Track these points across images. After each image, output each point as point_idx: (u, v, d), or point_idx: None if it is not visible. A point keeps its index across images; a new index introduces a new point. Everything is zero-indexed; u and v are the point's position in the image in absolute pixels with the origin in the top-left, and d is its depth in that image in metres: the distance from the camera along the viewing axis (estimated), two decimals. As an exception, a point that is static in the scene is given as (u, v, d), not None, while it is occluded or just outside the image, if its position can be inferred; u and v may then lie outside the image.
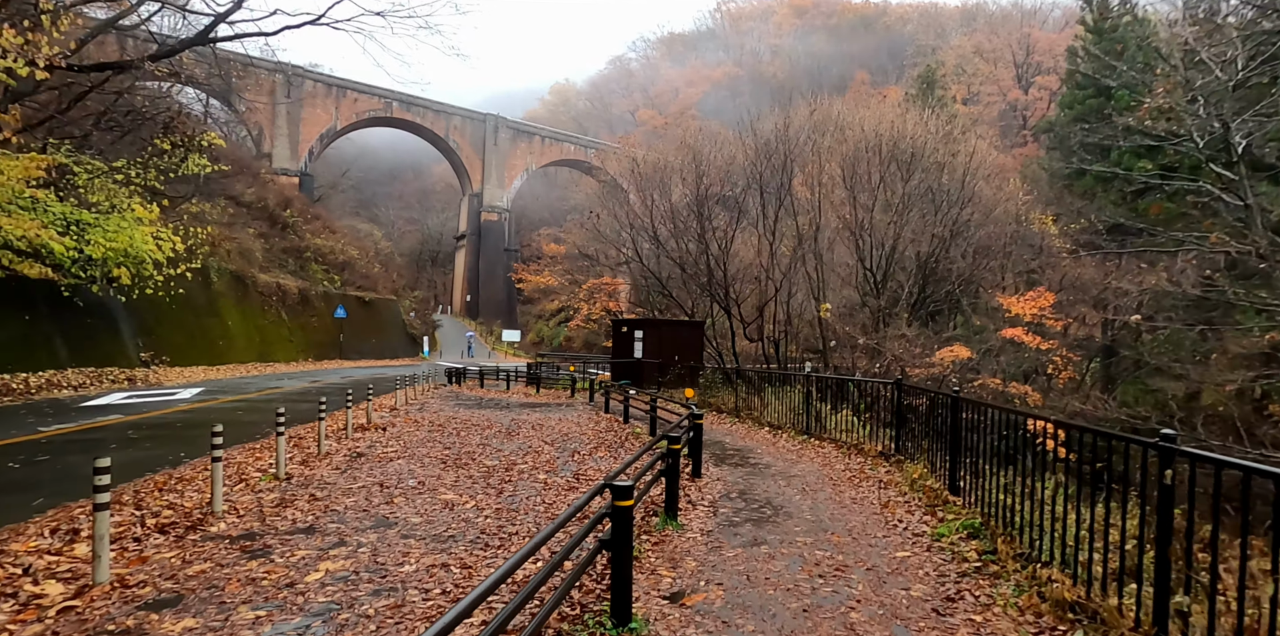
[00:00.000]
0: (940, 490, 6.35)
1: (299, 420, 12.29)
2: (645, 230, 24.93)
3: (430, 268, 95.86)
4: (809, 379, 10.88)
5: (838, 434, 10.23)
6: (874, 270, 22.49)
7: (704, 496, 6.72)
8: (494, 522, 5.71)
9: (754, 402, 13.29)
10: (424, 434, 11.39)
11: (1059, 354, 22.34)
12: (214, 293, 25.26)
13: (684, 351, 21.08)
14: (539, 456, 9.11)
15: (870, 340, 17.68)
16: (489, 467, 8.25)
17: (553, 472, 7.95)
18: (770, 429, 11.81)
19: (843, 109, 23.39)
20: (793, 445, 10.25)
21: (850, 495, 6.85)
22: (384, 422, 12.99)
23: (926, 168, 21.59)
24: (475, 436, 11.15)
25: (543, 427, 12.44)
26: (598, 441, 10.63)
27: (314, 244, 43.98)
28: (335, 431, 11.06)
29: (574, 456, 9.14)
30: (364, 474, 7.81)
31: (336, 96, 65.15)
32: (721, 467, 8.38)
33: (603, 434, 11.48)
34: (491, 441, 10.57)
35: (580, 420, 13.67)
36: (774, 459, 9.08)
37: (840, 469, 8.32)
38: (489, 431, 11.83)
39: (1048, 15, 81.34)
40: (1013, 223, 24.23)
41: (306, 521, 5.70)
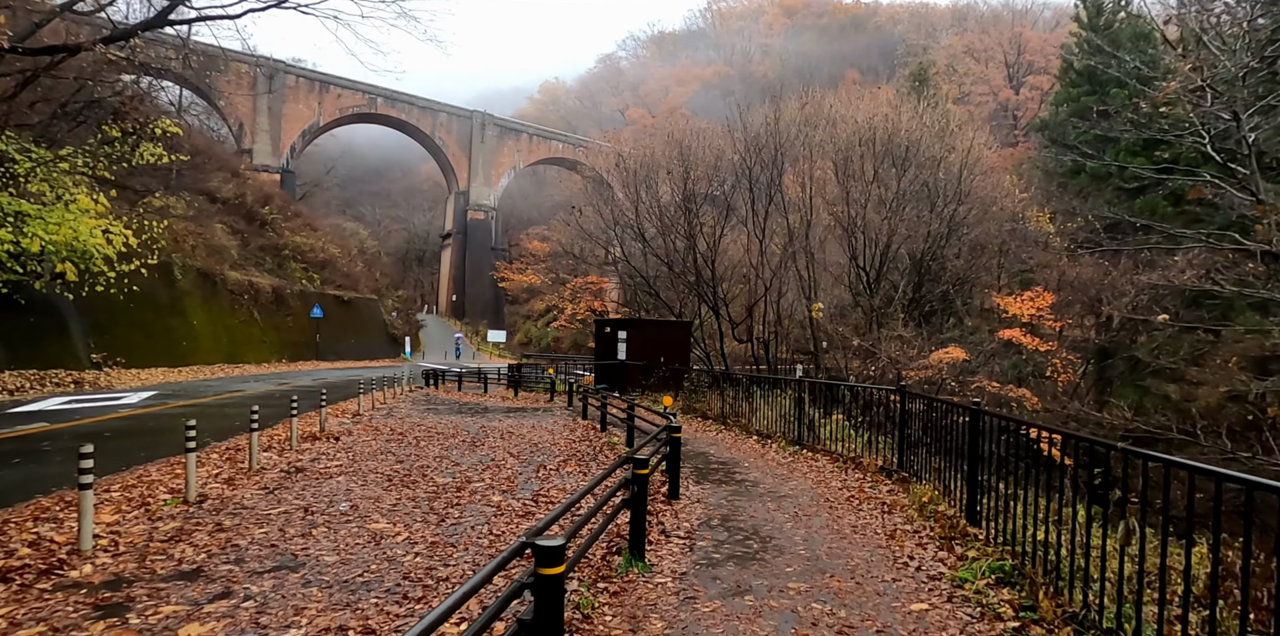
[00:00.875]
0: (956, 518, 5.43)
1: (247, 429, 11.24)
2: (631, 227, 23.99)
3: (417, 267, 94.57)
4: (801, 384, 9.96)
5: (833, 445, 9.32)
6: (867, 269, 21.67)
7: (680, 524, 5.76)
8: (423, 563, 4.73)
9: (742, 408, 12.37)
10: (379, 444, 10.37)
11: (1058, 356, 21.58)
12: (178, 290, 24.07)
13: (670, 353, 20.14)
14: (499, 472, 8.13)
15: (865, 341, 16.81)
16: (439, 486, 7.26)
17: (510, 493, 6.97)
18: (759, 438, 10.88)
19: (835, 102, 22.56)
20: (783, 457, 9.32)
21: (850, 521, 5.92)
22: (341, 430, 11.97)
23: (922, 162, 20.79)
24: (435, 447, 10.15)
25: (512, 436, 11.45)
26: (569, 453, 9.66)
27: (293, 242, 42.73)
28: (281, 441, 10.03)
29: (539, 472, 8.17)
30: (293, 495, 6.81)
31: (319, 92, 63.84)
32: (703, 485, 7.43)
33: (576, 444, 10.51)
34: (451, 453, 9.58)
35: (554, 427, 12.69)
36: (762, 474, 8.14)
37: (837, 487, 7.39)
38: (452, 441, 10.83)
39: (1038, 16, 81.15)
40: (1009, 220, 23.47)
41: (195, 561, 4.70)
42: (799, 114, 22.57)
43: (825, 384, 10.34)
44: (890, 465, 7.77)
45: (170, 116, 39.50)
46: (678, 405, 15.57)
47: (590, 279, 32.49)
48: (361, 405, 15.83)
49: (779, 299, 23.80)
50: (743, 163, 22.14)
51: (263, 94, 60.52)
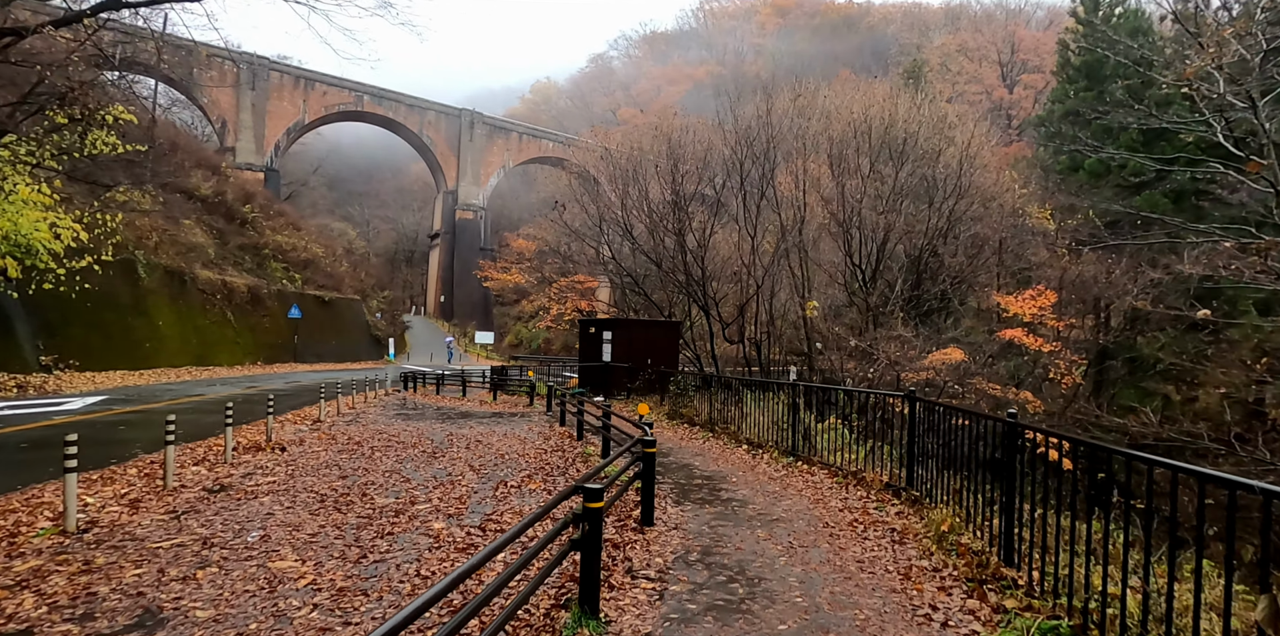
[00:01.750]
0: (986, 554, 4.47)
1: (195, 436, 10.22)
2: (618, 224, 23.01)
3: (406, 268, 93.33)
4: (795, 388, 8.99)
5: (831, 456, 8.36)
6: (863, 267, 20.76)
7: (652, 559, 4.78)
8: (318, 620, 3.73)
9: (731, 414, 11.40)
10: (329, 456, 9.35)
11: (1062, 357, 20.72)
12: (142, 289, 22.92)
13: (658, 354, 19.17)
14: (451, 490, 7.13)
15: (862, 342, 15.87)
16: (376, 509, 6.26)
17: (457, 517, 5.98)
18: (749, 447, 9.91)
19: (829, 93, 21.67)
20: (776, 470, 8.35)
21: (855, 554, 4.95)
22: (294, 439, 10.94)
23: (919, 156, 19.92)
24: (390, 459, 9.14)
25: (480, 445, 10.45)
26: (537, 465, 8.67)
27: (274, 241, 41.60)
28: (219, 454, 8.99)
29: (497, 490, 7.17)
30: (200, 521, 5.79)
31: (305, 89, 62.68)
32: (684, 506, 6.45)
33: (547, 455, 9.51)
34: (405, 466, 8.57)
35: (528, 435, 11.69)
36: (752, 491, 7.17)
37: (837, 507, 6.42)
38: (411, 451, 9.82)
39: (1031, 15, 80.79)
40: (1010, 216, 22.60)
41: (27, 619, 3.69)
42: (791, 106, 21.66)
43: (822, 388, 9.39)
44: (897, 481, 6.82)
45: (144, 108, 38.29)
46: (662, 409, 14.60)
47: (577, 278, 31.46)
48: (325, 411, 14.77)
49: (771, 298, 22.87)
50: (733, 156, 21.19)
51: (246, 91, 59.38)
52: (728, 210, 24.48)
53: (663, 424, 13.18)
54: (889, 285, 20.80)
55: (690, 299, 23.33)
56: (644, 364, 18.06)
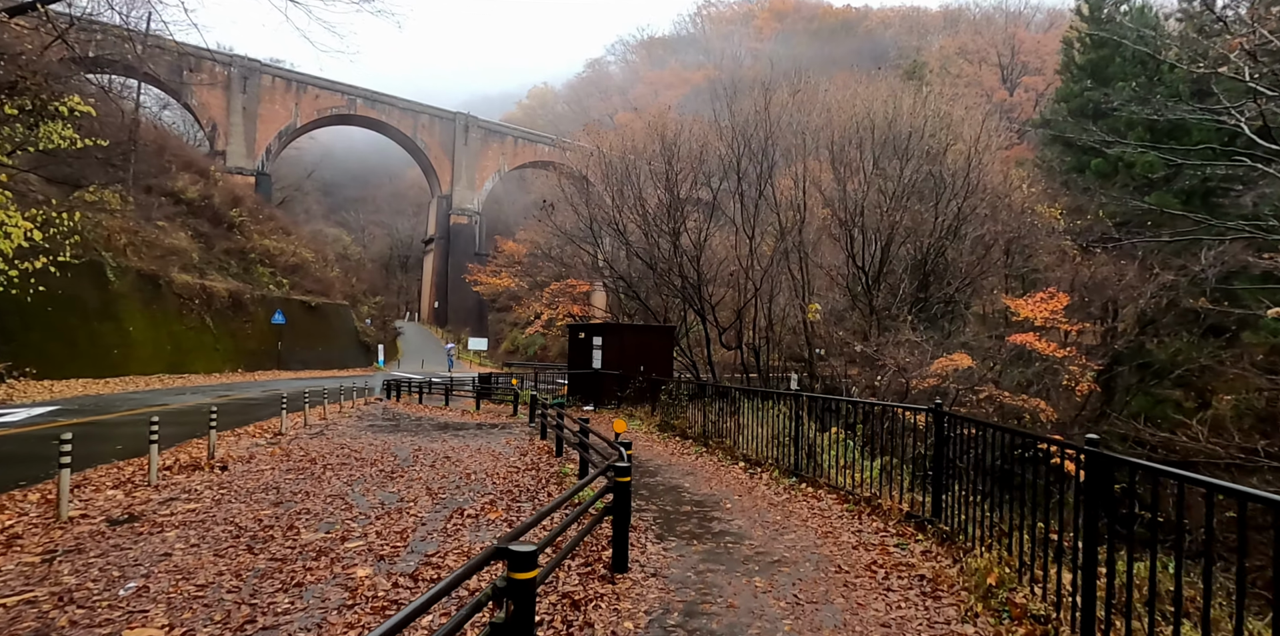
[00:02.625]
0: (1055, 624, 3.42)
1: (137, 452, 9.21)
2: (611, 225, 22.04)
3: (401, 273, 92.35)
4: (798, 399, 7.95)
5: (839, 477, 7.33)
6: (866, 268, 19.78)
7: (620, 623, 3.74)
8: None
9: (727, 426, 10.36)
10: (273, 476, 8.31)
11: (1076, 362, 19.70)
12: (111, 293, 21.87)
13: (651, 361, 18.15)
14: (396, 520, 6.08)
15: (868, 347, 14.85)
16: (298, 547, 5.21)
17: (390, 560, 4.93)
18: (746, 465, 8.86)
19: (830, 87, 20.74)
20: (776, 493, 7.31)
21: (878, 614, 3.91)
22: (242, 455, 9.89)
23: (925, 152, 18.96)
24: (341, 479, 8.10)
25: (447, 462, 9.40)
26: (506, 487, 7.62)
27: (262, 245, 40.60)
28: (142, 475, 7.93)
29: (451, 520, 6.12)
30: (75, 566, 4.75)
31: (297, 92, 61.83)
32: (667, 542, 5.41)
33: (519, 474, 8.47)
34: (354, 489, 7.52)
35: (504, 450, 10.65)
36: (749, 521, 6.13)
37: (850, 543, 5.38)
38: (368, 470, 8.77)
39: (1030, 18, 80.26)
40: (1018, 216, 21.65)
41: None
42: (790, 101, 20.73)
43: (830, 399, 8.35)
44: (920, 511, 5.78)
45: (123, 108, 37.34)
46: (653, 420, 13.56)
47: (570, 282, 30.43)
48: (287, 423, 13.71)
49: (770, 302, 21.89)
50: (730, 151, 20.26)
51: (237, 94, 58.59)
52: (724, 211, 23.54)
53: (653, 437, 12.14)
54: (893, 288, 19.83)
55: (686, 303, 22.35)
56: (636, 371, 17.04)
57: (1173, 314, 24.32)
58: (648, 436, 12.25)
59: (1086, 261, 22.72)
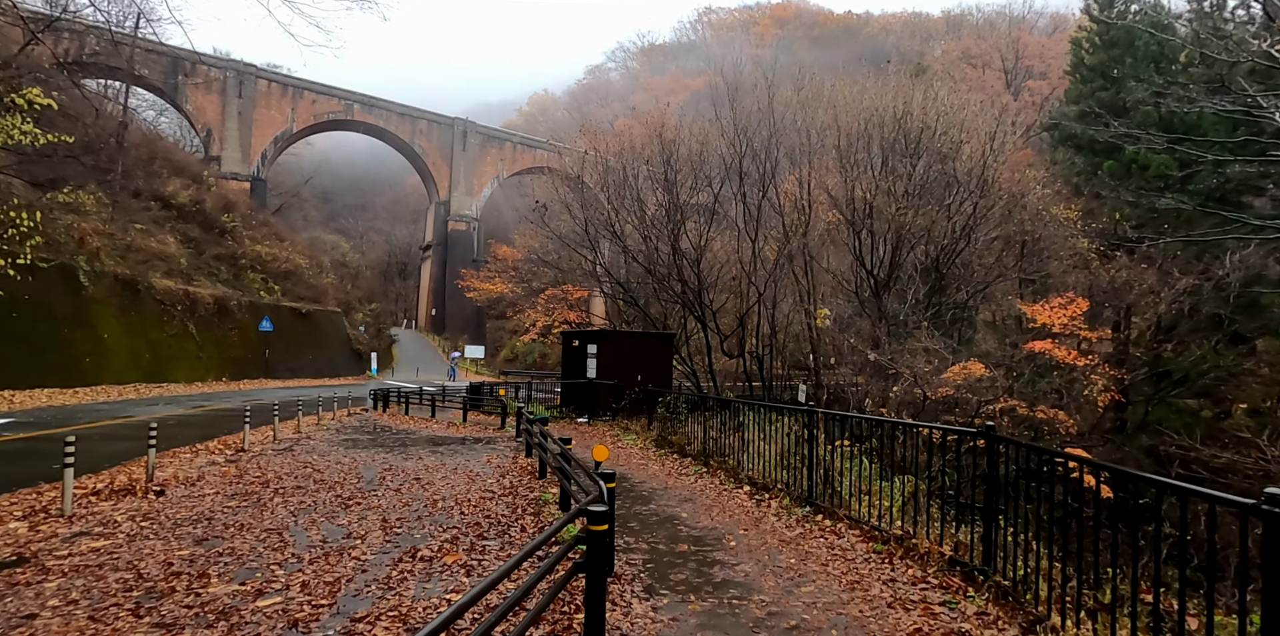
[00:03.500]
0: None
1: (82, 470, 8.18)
2: (607, 227, 21.08)
3: (399, 280, 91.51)
4: (811, 415, 6.92)
5: (861, 507, 6.30)
6: (875, 272, 18.78)
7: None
8: None
9: (730, 443, 9.32)
10: (213, 503, 7.29)
11: (1098, 371, 18.63)
12: (84, 299, 20.91)
13: (649, 370, 17.13)
14: (334, 565, 5.06)
15: (881, 355, 13.82)
16: (196, 606, 4.19)
17: (302, 627, 3.90)
18: (752, 490, 7.83)
19: (836, 83, 19.82)
20: (788, 526, 6.28)
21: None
22: (191, 476, 8.89)
23: (937, 149, 18.01)
24: (288, 507, 7.08)
25: (417, 485, 8.38)
26: (476, 519, 6.60)
27: (253, 251, 39.73)
28: (78, 497, 6.90)
29: (399, 565, 5.10)
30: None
31: (293, 97, 61.23)
32: (657, 599, 4.38)
33: (492, 501, 7.43)
34: (299, 521, 6.50)
35: (483, 469, 9.61)
36: (758, 566, 5.10)
37: (883, 599, 4.35)
38: (325, 495, 7.75)
39: (1033, 24, 79.69)
40: (1034, 218, 20.65)
41: None
42: (795, 97, 19.81)
43: (849, 419, 7.31)
44: (969, 557, 4.74)
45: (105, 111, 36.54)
46: (650, 435, 12.52)
47: (566, 288, 29.44)
48: (255, 438, 12.70)
49: (773, 308, 20.89)
50: (731, 152, 19.31)
51: (233, 98, 58.00)
52: (726, 213, 22.59)
53: (648, 454, 11.10)
54: (902, 294, 18.80)
55: (686, 310, 21.34)
56: (633, 381, 16.01)
57: (1195, 320, 23.29)
58: (643, 453, 11.22)
59: (1105, 265, 21.70)
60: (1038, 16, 79.79)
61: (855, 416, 7.39)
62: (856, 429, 7.44)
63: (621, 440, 12.88)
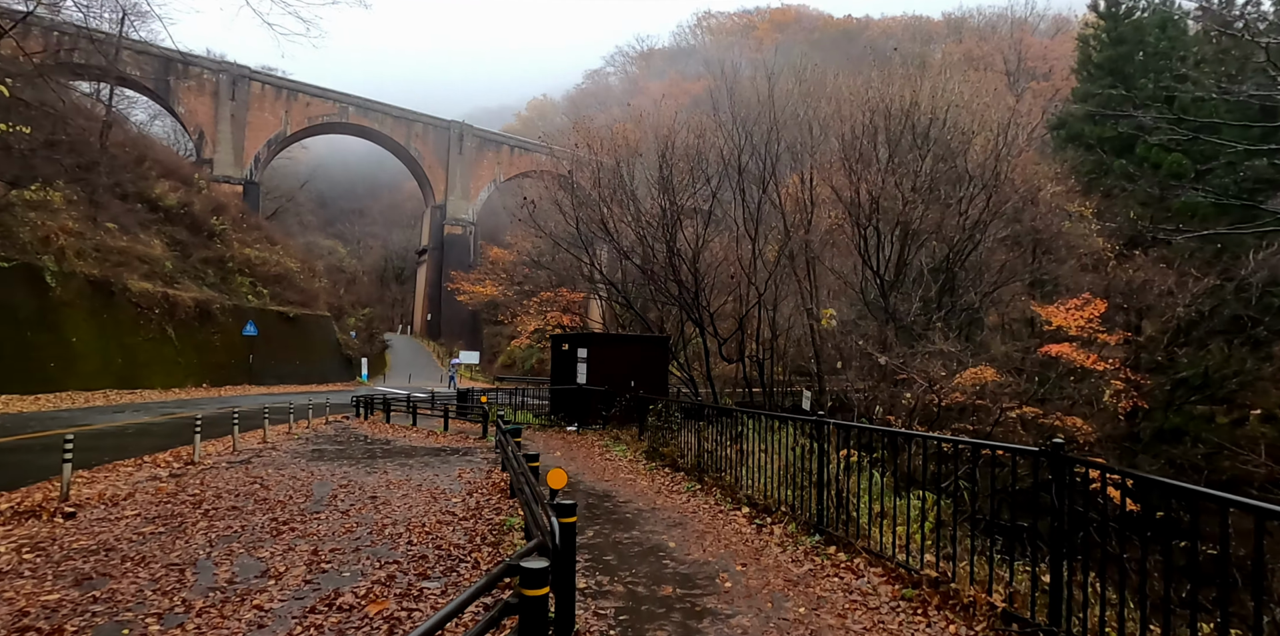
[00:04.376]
0: None
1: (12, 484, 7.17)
2: (599, 224, 20.11)
3: (395, 286, 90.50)
4: (821, 427, 5.90)
5: (881, 535, 5.26)
6: (882, 273, 17.78)
7: None
8: None
9: (727, 456, 8.29)
10: (124, 529, 6.27)
11: (1118, 376, 17.62)
12: (51, 300, 19.90)
13: (643, 375, 16.11)
14: (231, 614, 4.03)
15: (893, 359, 12.79)
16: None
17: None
18: (752, 512, 6.81)
19: (840, 72, 18.88)
20: (795, 560, 5.26)
21: None
22: (122, 492, 7.88)
23: (947, 142, 17.05)
24: (209, 535, 6.06)
25: (370, 504, 7.36)
26: (423, 550, 5.57)
27: (242, 254, 38.79)
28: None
29: (308, 617, 4.07)
30: None
31: (287, 100, 60.43)
32: (628, 670, 3.35)
33: (450, 527, 6.40)
34: (215, 551, 5.48)
35: (450, 486, 8.59)
36: (759, 619, 4.08)
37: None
38: (259, 519, 6.72)
39: (1034, 26, 79.08)
40: (1047, 215, 19.70)
41: None
42: (796, 90, 18.88)
43: (873, 432, 6.29)
44: (1029, 610, 3.71)
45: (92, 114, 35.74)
46: (640, 446, 11.49)
47: (561, 292, 28.45)
48: (217, 447, 11.69)
49: (774, 310, 19.88)
50: (730, 144, 18.37)
51: (225, 101, 57.22)
52: (725, 212, 21.62)
53: (637, 468, 10.06)
54: (907, 296, 17.78)
55: (684, 312, 20.34)
56: (626, 386, 15.00)
57: (1214, 322, 22.28)
58: (632, 467, 10.19)
59: (1122, 265, 20.73)
60: (1039, 19, 79.21)
61: (883, 430, 6.27)
62: (881, 442, 6.39)
63: (610, 451, 11.85)
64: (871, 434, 5.98)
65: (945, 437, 4.46)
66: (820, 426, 5.83)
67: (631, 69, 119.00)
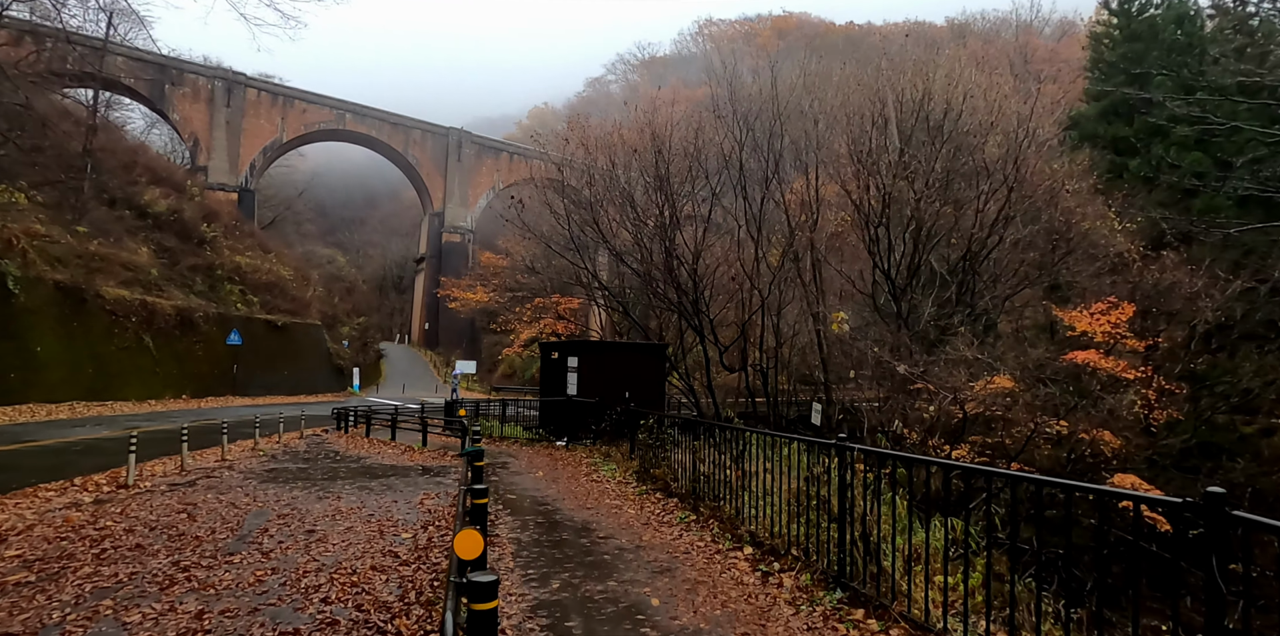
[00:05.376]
0: None
1: None
2: (591, 225, 19.01)
3: (394, 294, 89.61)
4: (845, 453, 4.69)
5: (920, 597, 4.06)
6: (894, 275, 16.61)
7: None
8: None
9: (724, 480, 7.09)
10: (-17, 578, 5.09)
11: (1151, 386, 16.37)
12: (13, 308, 18.82)
13: (638, 386, 14.91)
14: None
15: (913, 368, 11.59)
16: None
17: None
18: (757, 554, 5.62)
19: (847, 63, 17.82)
20: (811, 627, 4.07)
21: None
22: (16, 526, 6.72)
23: (962, 136, 15.94)
24: (85, 586, 4.89)
25: (298, 543, 6.18)
26: (337, 612, 4.39)
27: (232, 261, 37.85)
28: None
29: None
30: None
31: (283, 106, 59.75)
32: None
33: (384, 575, 5.21)
34: (70, 613, 4.30)
35: (406, 517, 7.41)
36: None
37: None
38: (160, 561, 5.55)
39: (1039, 30, 78.33)
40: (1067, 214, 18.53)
41: None
42: (800, 83, 17.81)
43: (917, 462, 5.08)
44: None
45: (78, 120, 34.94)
46: (631, 465, 10.29)
47: (555, 299, 27.32)
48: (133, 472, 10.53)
49: (778, 316, 18.71)
50: (730, 140, 17.28)
51: (220, 107, 56.56)
52: (726, 212, 20.52)
53: (626, 492, 8.86)
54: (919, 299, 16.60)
55: (683, 318, 19.18)
56: (620, 398, 13.78)
57: (1246, 326, 21.03)
58: (619, 490, 8.99)
59: (1148, 267, 19.53)
60: (1044, 23, 78.48)
61: (941, 463, 4.62)
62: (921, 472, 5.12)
63: (599, 471, 10.65)
64: (918, 465, 4.70)
65: (1040, 479, 3.28)
66: (843, 451, 4.63)
67: (633, 77, 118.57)
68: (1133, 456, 19.51)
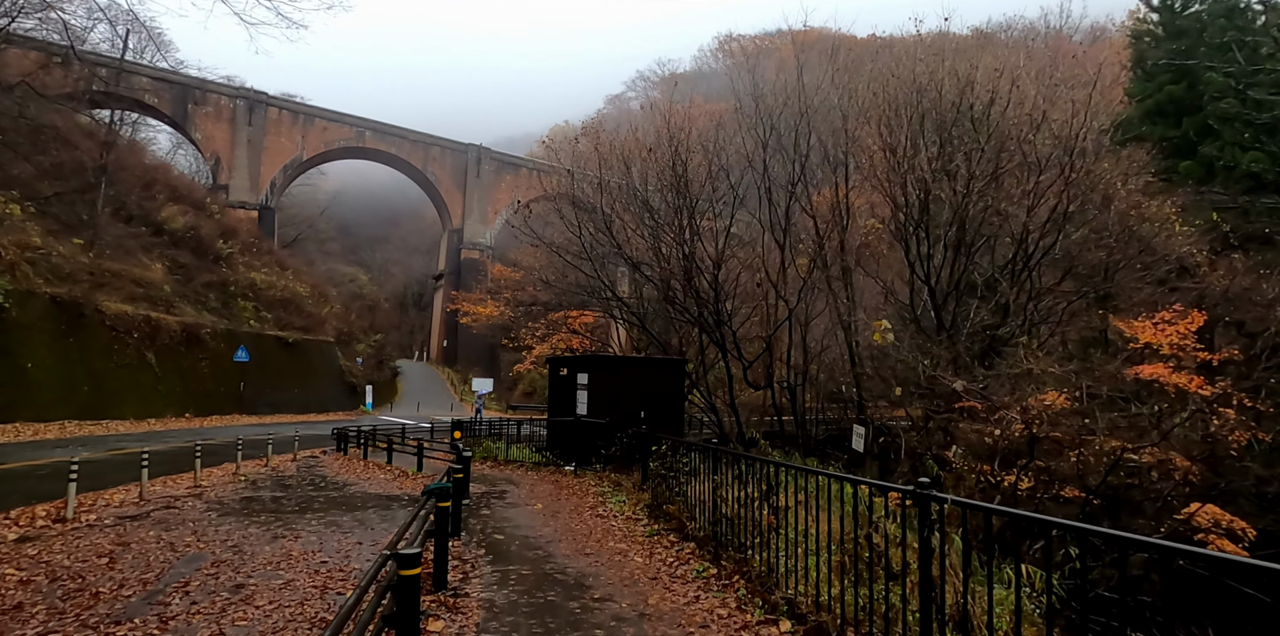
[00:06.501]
0: None
1: None
2: (604, 230, 17.81)
3: (414, 311, 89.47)
4: (927, 507, 3.28)
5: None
6: (933, 283, 15.11)
7: None
8: None
9: (752, 520, 5.68)
10: None
11: (1229, 404, 14.56)
12: (3, 322, 18.08)
13: (655, 405, 13.57)
14: None
15: (971, 385, 10.05)
16: None
17: None
18: (795, 628, 4.21)
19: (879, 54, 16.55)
20: None
21: None
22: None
23: (1009, 128, 14.49)
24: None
25: (217, 606, 4.90)
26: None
27: (247, 278, 37.45)
28: None
29: None
30: None
31: (304, 125, 60.09)
32: None
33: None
34: None
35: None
36: None
37: None
38: (33, 633, 4.31)
39: (1069, 36, 76.51)
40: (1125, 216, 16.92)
41: None
42: (828, 72, 16.56)
43: (1098, 535, 3.55)
44: None
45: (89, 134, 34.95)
46: (643, 497, 8.89)
47: (570, 313, 26.12)
48: (75, 502, 9.39)
49: (805, 327, 17.26)
50: (752, 138, 16.03)
51: (242, 126, 56.98)
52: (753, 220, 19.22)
53: (634, 532, 7.47)
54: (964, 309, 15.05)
55: (703, 332, 17.80)
56: (634, 418, 12.42)
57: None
58: (626, 529, 7.60)
59: (1214, 272, 17.78)
60: (1073, 30, 76.59)
61: (1142, 541, 2.69)
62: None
63: (606, 503, 9.26)
64: (1117, 544, 3.21)
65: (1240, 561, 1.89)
66: (925, 504, 3.22)
67: (653, 93, 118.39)
68: (1208, 483, 17.54)
